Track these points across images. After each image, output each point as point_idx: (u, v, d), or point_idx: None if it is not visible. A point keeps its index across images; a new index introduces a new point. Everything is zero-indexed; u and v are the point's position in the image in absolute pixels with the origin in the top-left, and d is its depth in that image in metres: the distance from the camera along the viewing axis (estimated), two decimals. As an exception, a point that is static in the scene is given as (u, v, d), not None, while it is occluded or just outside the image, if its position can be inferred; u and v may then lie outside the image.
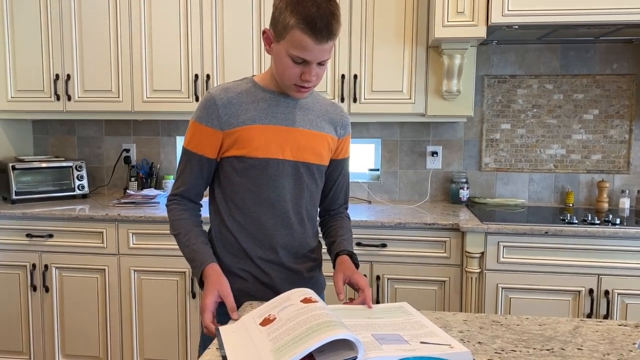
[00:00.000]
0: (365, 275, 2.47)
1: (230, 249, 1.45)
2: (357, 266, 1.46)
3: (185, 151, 1.44)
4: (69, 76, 2.90)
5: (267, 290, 1.44)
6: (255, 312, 1.17)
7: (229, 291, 1.31)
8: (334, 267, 1.48)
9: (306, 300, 1.12)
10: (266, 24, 2.72)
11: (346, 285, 1.40)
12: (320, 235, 1.62)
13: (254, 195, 1.42)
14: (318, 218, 1.62)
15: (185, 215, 1.44)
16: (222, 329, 1.14)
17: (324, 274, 1.62)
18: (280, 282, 1.45)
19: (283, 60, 1.33)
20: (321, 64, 1.34)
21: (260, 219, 1.43)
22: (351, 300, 1.35)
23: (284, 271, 1.47)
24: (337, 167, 1.57)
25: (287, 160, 1.42)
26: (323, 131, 1.48)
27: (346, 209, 1.65)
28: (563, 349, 1.06)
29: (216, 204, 1.48)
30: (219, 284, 1.31)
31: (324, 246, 1.60)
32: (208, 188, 1.50)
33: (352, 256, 1.48)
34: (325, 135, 1.48)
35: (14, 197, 2.90)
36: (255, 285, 1.45)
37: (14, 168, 2.91)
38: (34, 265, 2.69)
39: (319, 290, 1.55)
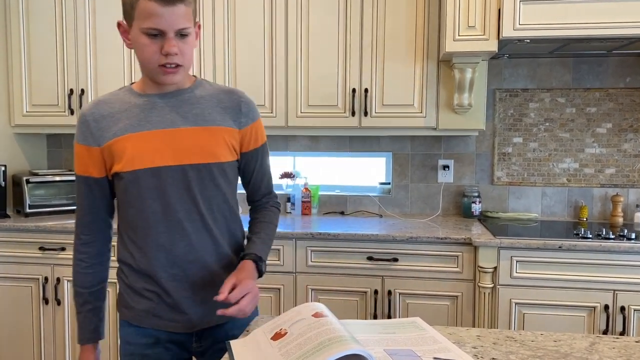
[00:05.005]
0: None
1: (133, 269, 1.36)
2: (260, 273, 1.35)
3: (75, 177, 1.38)
4: (82, 91, 2.94)
5: (173, 312, 1.35)
6: (266, 326, 1.16)
7: None
8: None
9: (317, 315, 1.11)
10: (278, 37, 2.76)
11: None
12: None
13: (140, 210, 1.31)
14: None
15: (82, 267, 1.39)
16: (233, 343, 1.14)
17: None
18: (187, 302, 1.34)
19: (140, 41, 1.24)
20: (182, 35, 1.24)
21: (151, 234, 1.32)
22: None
23: (189, 288, 1.34)
24: (251, 160, 1.43)
25: (169, 167, 1.29)
26: (214, 125, 1.33)
27: (273, 197, 1.52)
28: (579, 366, 1.05)
29: (118, 228, 1.40)
30: None
31: None
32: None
33: (259, 262, 1.35)
34: (218, 128, 1.34)
35: (27, 210, 2.92)
36: (161, 306, 1.35)
37: (28, 182, 2.94)
38: (46, 279, 2.70)
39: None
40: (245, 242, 1.45)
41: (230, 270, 1.33)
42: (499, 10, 2.37)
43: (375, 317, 2.49)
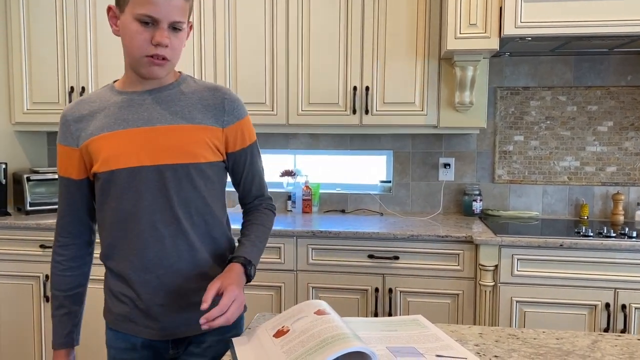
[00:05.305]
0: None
1: (111, 272, 1.34)
2: (249, 278, 1.28)
3: (58, 178, 1.36)
4: (83, 88, 2.94)
5: (147, 318, 1.30)
6: (268, 324, 1.16)
7: None
8: None
9: (320, 313, 1.11)
10: (279, 35, 2.75)
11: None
12: None
13: (114, 212, 1.27)
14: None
15: (58, 269, 1.37)
16: (236, 340, 1.14)
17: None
18: (159, 309, 1.29)
19: (130, 27, 1.19)
20: (175, 29, 1.21)
21: (125, 237, 1.27)
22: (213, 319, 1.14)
23: (163, 296, 1.28)
24: (239, 160, 1.36)
25: (144, 167, 1.24)
26: (193, 123, 1.27)
27: (267, 199, 1.46)
28: (582, 364, 1.05)
29: (99, 230, 1.36)
30: None
31: None
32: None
33: (247, 265, 1.27)
34: (198, 127, 1.27)
35: (28, 208, 2.92)
36: (135, 311, 1.30)
37: (28, 179, 2.94)
38: (47, 276, 2.70)
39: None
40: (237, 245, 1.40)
41: (209, 279, 1.25)
42: (501, 8, 2.37)
43: (376, 315, 2.49)
